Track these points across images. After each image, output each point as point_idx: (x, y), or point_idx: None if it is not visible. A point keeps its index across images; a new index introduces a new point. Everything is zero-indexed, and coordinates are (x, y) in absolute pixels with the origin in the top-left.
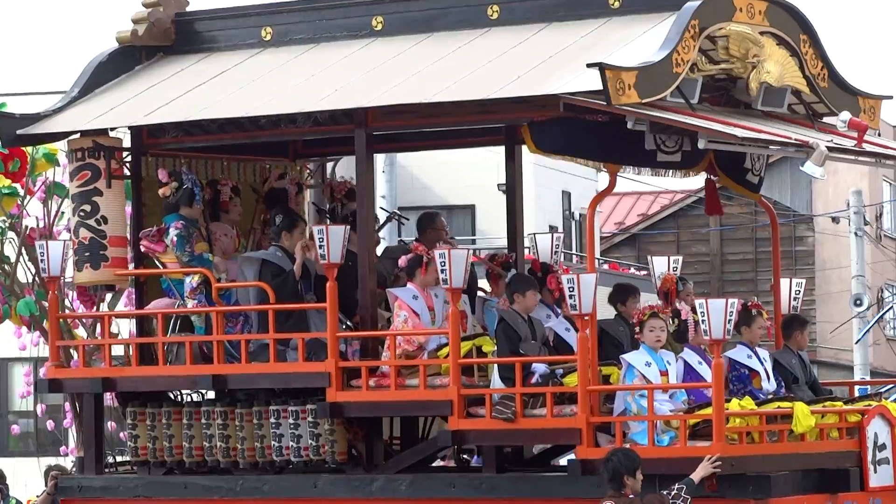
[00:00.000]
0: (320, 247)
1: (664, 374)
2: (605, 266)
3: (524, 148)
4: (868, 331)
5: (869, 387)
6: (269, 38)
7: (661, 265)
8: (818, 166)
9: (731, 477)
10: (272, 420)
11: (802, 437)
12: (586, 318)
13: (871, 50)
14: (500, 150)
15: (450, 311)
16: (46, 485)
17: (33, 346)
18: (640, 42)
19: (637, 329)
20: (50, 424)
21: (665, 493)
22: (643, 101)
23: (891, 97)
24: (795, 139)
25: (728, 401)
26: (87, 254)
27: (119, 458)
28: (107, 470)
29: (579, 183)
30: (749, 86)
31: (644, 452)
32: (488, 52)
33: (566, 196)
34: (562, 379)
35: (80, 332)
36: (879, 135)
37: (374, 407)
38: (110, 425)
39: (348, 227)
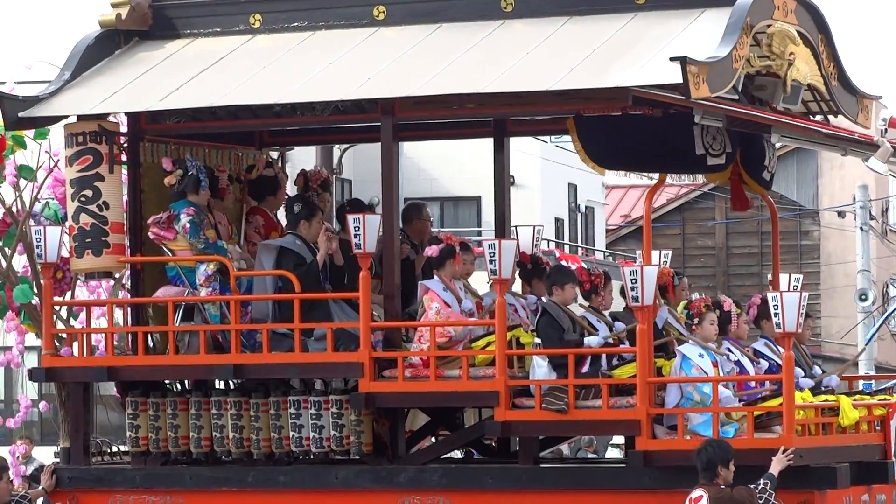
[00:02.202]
0: (355, 236)
1: (715, 365)
2: (611, 259)
3: (531, 141)
4: (876, 330)
5: (872, 382)
6: (257, 24)
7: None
8: (882, 162)
9: (795, 469)
10: (291, 410)
11: (844, 430)
12: (646, 309)
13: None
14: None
15: (475, 303)
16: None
17: (6, 333)
18: (686, 37)
19: (696, 321)
20: None
21: (752, 486)
22: (712, 95)
23: (881, 97)
24: (859, 136)
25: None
26: (88, 240)
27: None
28: (96, 460)
29: (585, 176)
30: (785, 83)
31: None
32: (519, 44)
33: (572, 188)
34: (611, 371)
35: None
36: (886, 132)
37: (412, 398)
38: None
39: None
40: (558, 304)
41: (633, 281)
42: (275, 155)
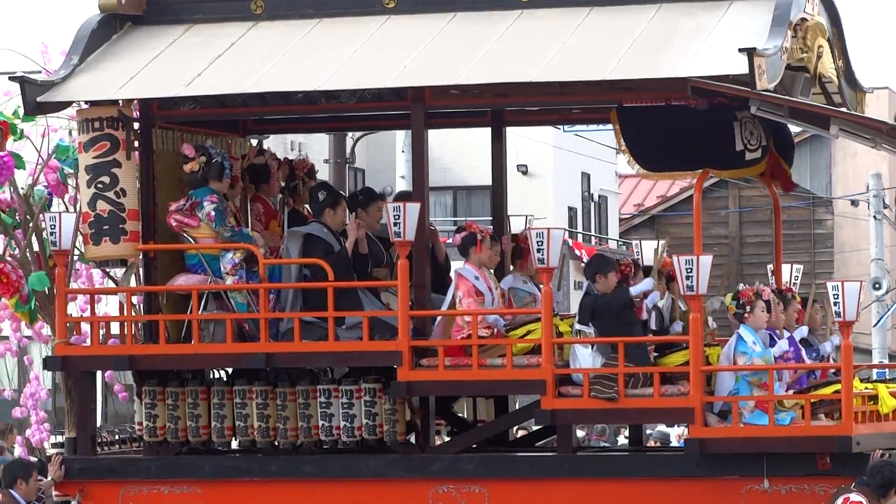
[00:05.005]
0: (395, 224)
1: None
2: (624, 248)
3: (545, 129)
4: (886, 316)
5: (886, 371)
6: (259, 11)
7: (649, 249)
8: None
9: (846, 455)
10: (321, 399)
11: (880, 417)
12: (700, 298)
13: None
14: (520, 130)
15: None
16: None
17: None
18: (724, 29)
19: (747, 310)
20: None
21: None
22: (770, 87)
23: (872, 91)
24: None
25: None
26: (106, 227)
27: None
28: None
29: (598, 165)
30: (814, 76)
31: (765, 433)
32: (550, 34)
33: (585, 178)
34: (657, 360)
35: None
36: None
37: (454, 386)
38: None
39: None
40: (600, 292)
41: (689, 270)
42: (254, 142)
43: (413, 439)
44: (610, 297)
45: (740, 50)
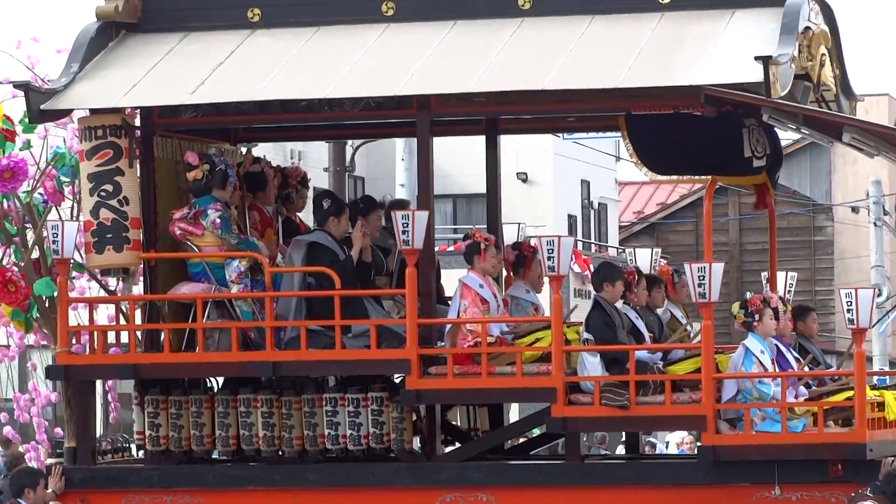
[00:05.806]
0: (403, 232)
1: (773, 361)
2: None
3: (544, 137)
4: (883, 321)
5: (886, 378)
6: (256, 19)
7: (644, 257)
8: None
9: (857, 462)
10: (327, 408)
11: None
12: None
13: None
14: (519, 138)
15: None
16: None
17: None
18: (731, 37)
19: (756, 318)
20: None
21: None
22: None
23: (863, 98)
24: None
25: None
26: (108, 235)
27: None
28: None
29: (598, 172)
30: (817, 84)
31: (778, 440)
32: (556, 42)
33: (585, 185)
34: (665, 368)
35: None
36: None
37: (463, 394)
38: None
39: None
40: (608, 301)
41: (701, 278)
42: (244, 150)
43: (425, 447)
44: (602, 312)
45: (756, 58)
